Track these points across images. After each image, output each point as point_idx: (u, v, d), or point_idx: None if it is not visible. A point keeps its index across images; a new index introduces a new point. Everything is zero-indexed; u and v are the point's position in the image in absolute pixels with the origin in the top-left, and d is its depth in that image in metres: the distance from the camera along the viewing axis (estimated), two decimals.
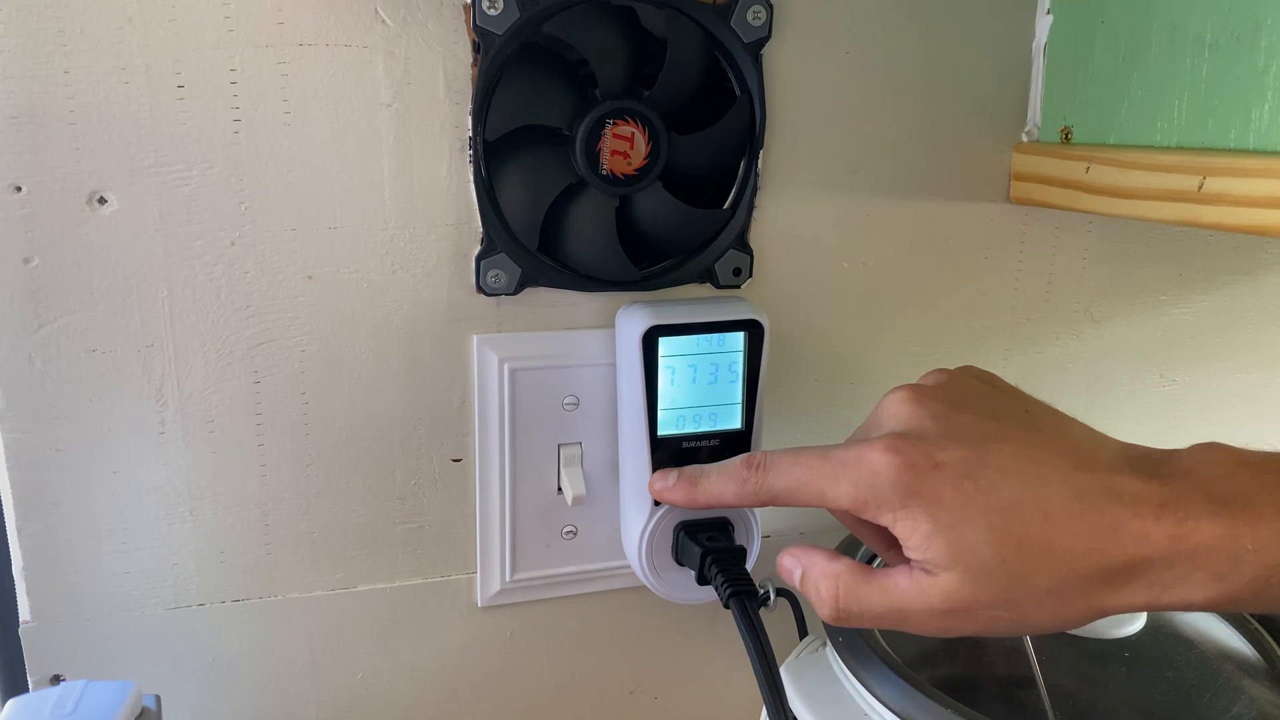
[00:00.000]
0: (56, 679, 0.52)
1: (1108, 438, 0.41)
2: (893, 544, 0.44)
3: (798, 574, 0.43)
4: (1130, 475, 0.37)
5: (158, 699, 0.45)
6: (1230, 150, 0.46)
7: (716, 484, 0.47)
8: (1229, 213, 0.45)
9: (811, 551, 0.43)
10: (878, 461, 0.38)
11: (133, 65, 0.46)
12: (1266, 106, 0.44)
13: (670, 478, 0.50)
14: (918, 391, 0.41)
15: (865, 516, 0.40)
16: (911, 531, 0.38)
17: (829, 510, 0.45)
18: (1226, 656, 0.52)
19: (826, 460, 0.41)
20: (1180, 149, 0.49)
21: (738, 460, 0.45)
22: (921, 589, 0.38)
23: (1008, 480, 0.37)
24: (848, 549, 0.57)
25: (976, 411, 0.40)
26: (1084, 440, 0.40)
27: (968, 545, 0.37)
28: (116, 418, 0.50)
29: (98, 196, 0.47)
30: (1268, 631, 0.53)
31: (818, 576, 0.42)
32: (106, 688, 0.43)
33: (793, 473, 0.42)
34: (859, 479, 0.39)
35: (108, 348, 0.49)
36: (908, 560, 0.40)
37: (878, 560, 0.55)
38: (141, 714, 0.43)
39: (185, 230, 0.48)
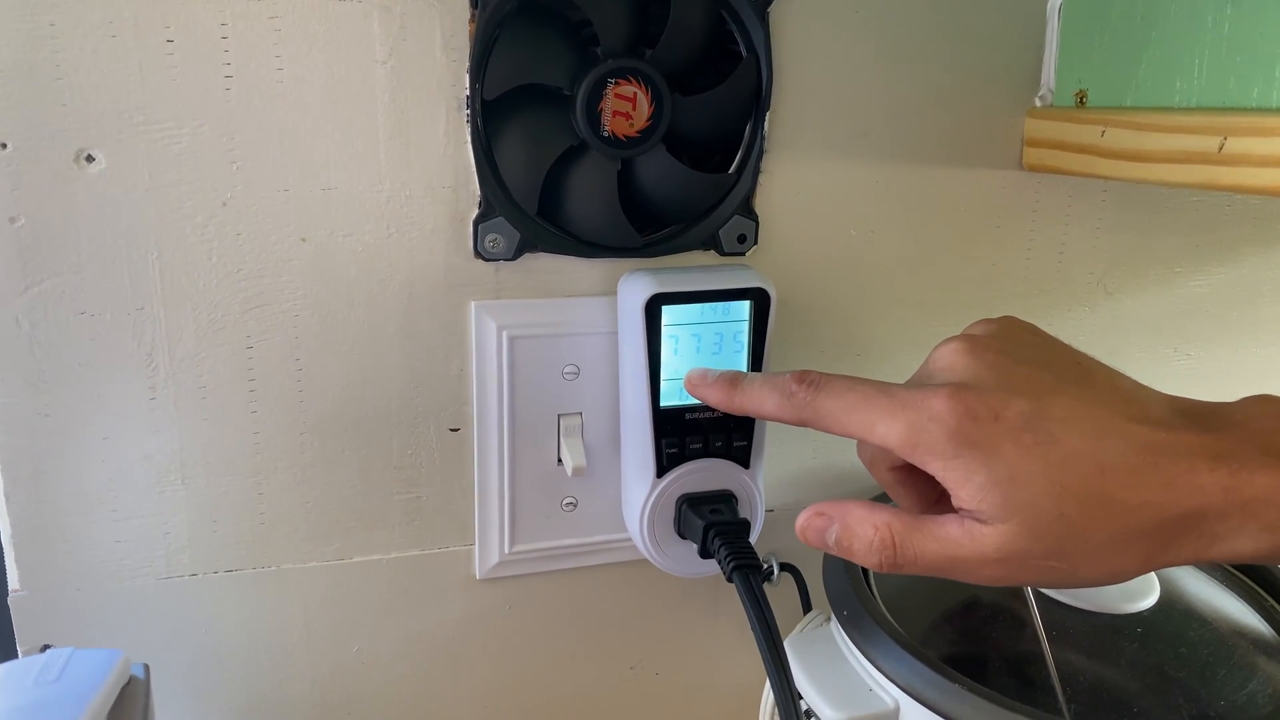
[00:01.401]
0: (46, 649, 0.51)
1: (1156, 391, 0.40)
2: (925, 501, 0.43)
3: (833, 531, 0.41)
4: (1183, 428, 0.37)
5: (146, 668, 0.44)
6: (1253, 109, 0.44)
7: (759, 392, 0.44)
8: (1250, 174, 0.43)
9: (844, 504, 0.41)
10: (939, 408, 0.37)
11: (121, 18, 0.45)
12: None
13: (710, 375, 0.48)
14: (972, 342, 0.40)
15: (912, 460, 0.38)
16: (964, 481, 0.37)
17: (865, 449, 0.44)
18: (1241, 633, 0.51)
19: (885, 394, 0.39)
20: (1200, 109, 0.47)
21: (787, 373, 0.43)
22: (974, 538, 0.37)
23: (1067, 433, 0.37)
24: None
25: (1031, 363, 0.39)
26: (1136, 393, 0.39)
27: (1025, 498, 0.36)
28: (106, 383, 0.49)
29: (85, 154, 0.46)
30: None
31: (864, 526, 0.40)
32: (93, 655, 0.42)
33: (847, 397, 0.40)
34: (915, 420, 0.38)
35: (97, 310, 0.48)
36: (951, 511, 0.39)
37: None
38: (129, 683, 0.42)
39: (176, 190, 0.47)
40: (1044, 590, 0.50)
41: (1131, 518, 0.36)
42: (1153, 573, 0.51)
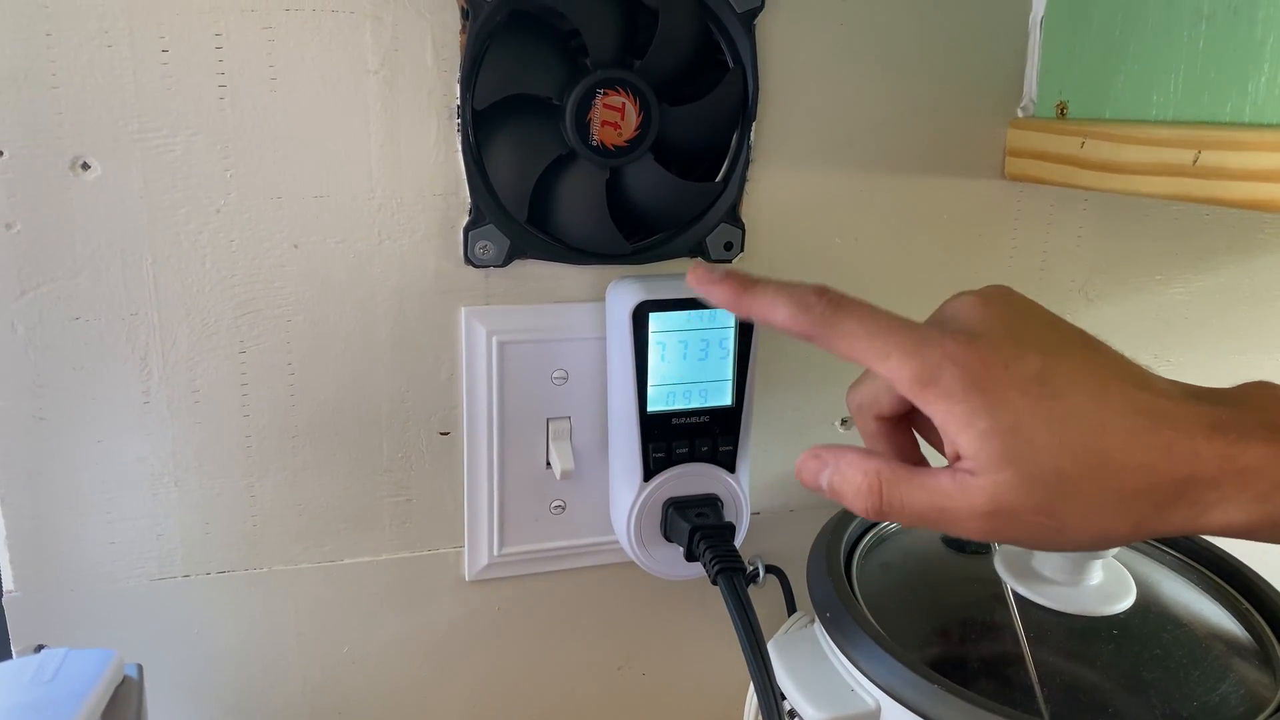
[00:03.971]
0: (40, 649, 0.51)
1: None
2: (907, 460, 0.42)
3: (826, 474, 0.41)
4: (1184, 399, 0.37)
5: (139, 668, 0.44)
6: (1226, 124, 0.45)
7: (772, 298, 0.41)
8: (1224, 187, 0.44)
9: (841, 449, 0.41)
10: (953, 349, 0.37)
11: (116, 28, 0.45)
12: (1263, 79, 0.43)
13: (716, 273, 0.44)
14: (986, 297, 0.40)
15: (918, 399, 0.38)
16: (966, 426, 0.37)
17: (856, 392, 0.43)
18: (1216, 636, 0.52)
19: (906, 328, 0.39)
20: (1176, 123, 0.48)
21: (806, 285, 0.41)
22: (965, 490, 0.37)
23: (1072, 390, 0.37)
24: (837, 527, 0.57)
25: (1042, 324, 0.40)
26: (1139, 366, 0.39)
27: (1025, 449, 0.36)
28: (100, 387, 0.49)
29: (81, 162, 0.46)
30: (1258, 611, 0.53)
31: (855, 471, 0.40)
32: (87, 656, 0.42)
33: (868, 321, 0.39)
34: (931, 358, 0.37)
35: (91, 316, 0.48)
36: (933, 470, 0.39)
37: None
38: (123, 683, 0.43)
39: (170, 197, 0.48)
40: (1022, 594, 0.51)
41: (1127, 479, 0.36)
42: (1129, 576, 0.52)
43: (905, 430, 0.43)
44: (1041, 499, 0.36)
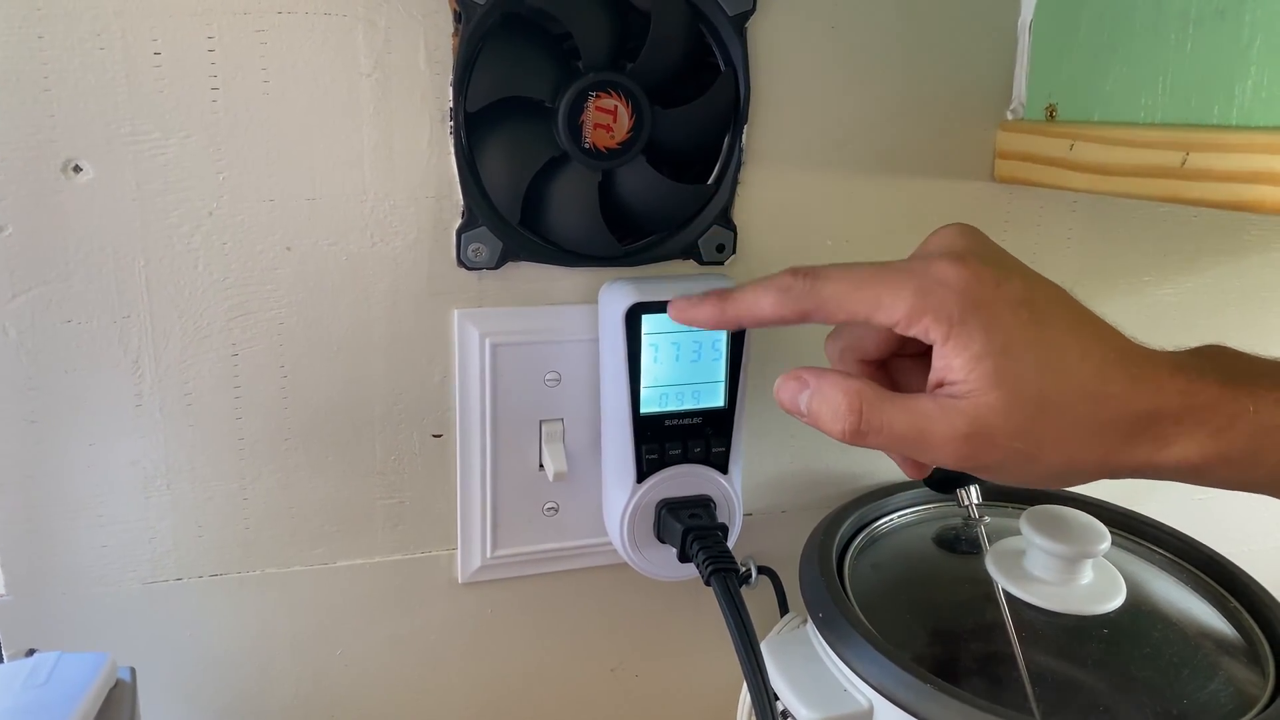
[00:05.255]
0: (31, 653, 0.51)
1: None
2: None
3: (805, 395, 0.40)
4: (1146, 346, 0.39)
5: (133, 671, 0.44)
6: (1213, 126, 0.46)
7: (751, 295, 0.42)
8: (1211, 188, 0.44)
9: (823, 370, 0.41)
10: (946, 270, 0.38)
11: (108, 31, 0.45)
12: (1250, 82, 0.44)
13: (694, 296, 0.45)
14: (963, 226, 0.42)
15: (914, 329, 0.38)
16: (961, 349, 0.37)
17: (836, 340, 0.44)
18: (1205, 634, 0.52)
19: (887, 269, 0.39)
20: (1164, 125, 0.48)
21: (780, 272, 0.42)
22: (947, 413, 0.38)
23: (1056, 316, 0.38)
24: (829, 528, 0.57)
25: (1009, 255, 0.41)
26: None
27: (1014, 371, 0.37)
28: (93, 389, 0.49)
29: (73, 165, 0.46)
30: (1246, 609, 0.53)
31: (835, 391, 0.39)
32: (80, 659, 0.42)
33: (848, 278, 0.40)
34: (923, 286, 0.38)
35: (83, 318, 0.48)
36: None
37: None
38: (116, 686, 0.43)
39: (162, 200, 0.48)
40: (1013, 594, 0.51)
41: (1100, 407, 0.37)
42: (1119, 576, 0.52)
43: (886, 376, 0.44)
44: (1021, 423, 0.37)
